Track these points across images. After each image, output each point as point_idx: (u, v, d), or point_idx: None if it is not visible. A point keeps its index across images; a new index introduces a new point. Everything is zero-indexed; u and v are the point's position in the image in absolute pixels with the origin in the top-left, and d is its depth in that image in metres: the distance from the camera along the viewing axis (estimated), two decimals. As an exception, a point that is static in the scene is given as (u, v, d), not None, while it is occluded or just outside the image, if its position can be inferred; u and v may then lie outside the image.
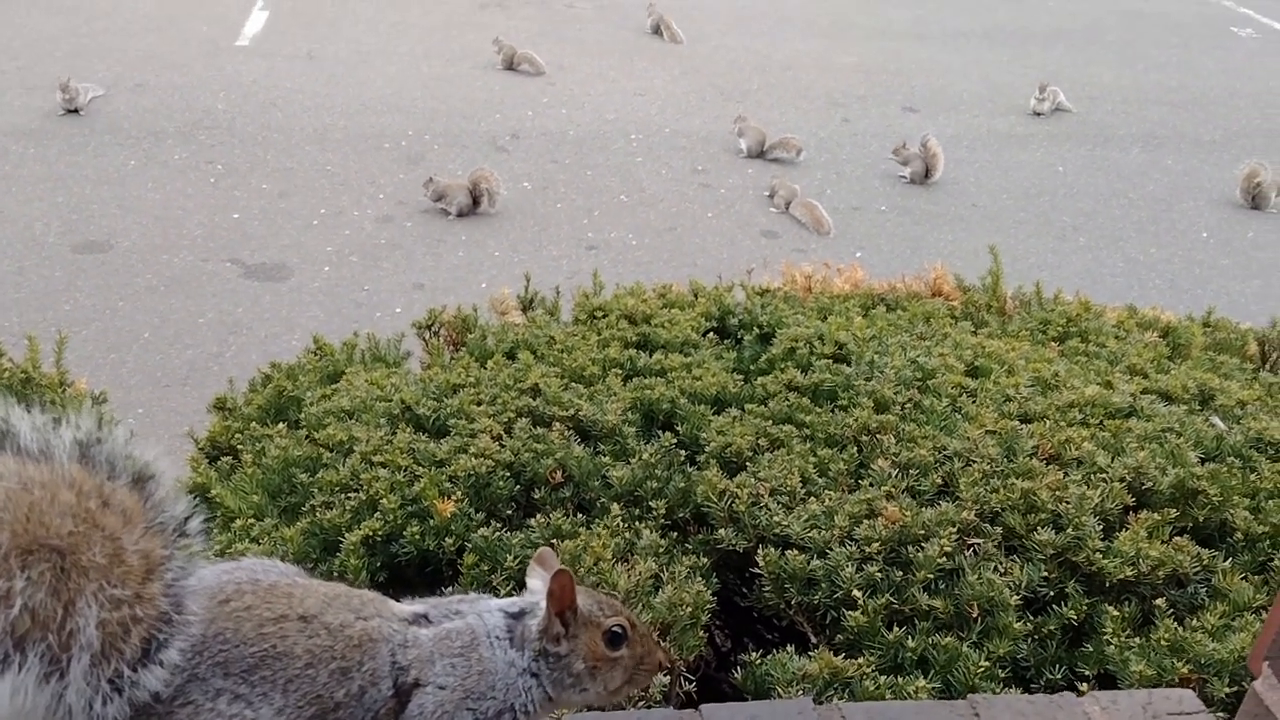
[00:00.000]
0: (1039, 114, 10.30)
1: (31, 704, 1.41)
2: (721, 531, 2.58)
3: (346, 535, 2.48)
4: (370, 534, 2.49)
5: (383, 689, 1.55)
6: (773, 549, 2.46)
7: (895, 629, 2.31)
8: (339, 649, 1.54)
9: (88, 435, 1.48)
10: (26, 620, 1.40)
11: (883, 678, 2.21)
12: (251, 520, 2.63)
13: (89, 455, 1.48)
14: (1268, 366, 3.91)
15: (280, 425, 3.03)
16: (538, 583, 1.70)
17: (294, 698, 1.50)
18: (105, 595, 1.43)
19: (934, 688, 2.19)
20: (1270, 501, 2.67)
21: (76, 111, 9.01)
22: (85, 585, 1.42)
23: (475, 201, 7.92)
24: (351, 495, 2.60)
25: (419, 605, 1.69)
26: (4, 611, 1.38)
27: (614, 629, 1.68)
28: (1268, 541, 2.58)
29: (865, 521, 2.50)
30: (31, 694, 1.40)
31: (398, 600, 1.72)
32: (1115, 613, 2.35)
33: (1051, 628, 2.36)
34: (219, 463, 3.01)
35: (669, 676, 2.24)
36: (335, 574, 2.42)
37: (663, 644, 1.85)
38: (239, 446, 3.02)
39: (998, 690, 2.19)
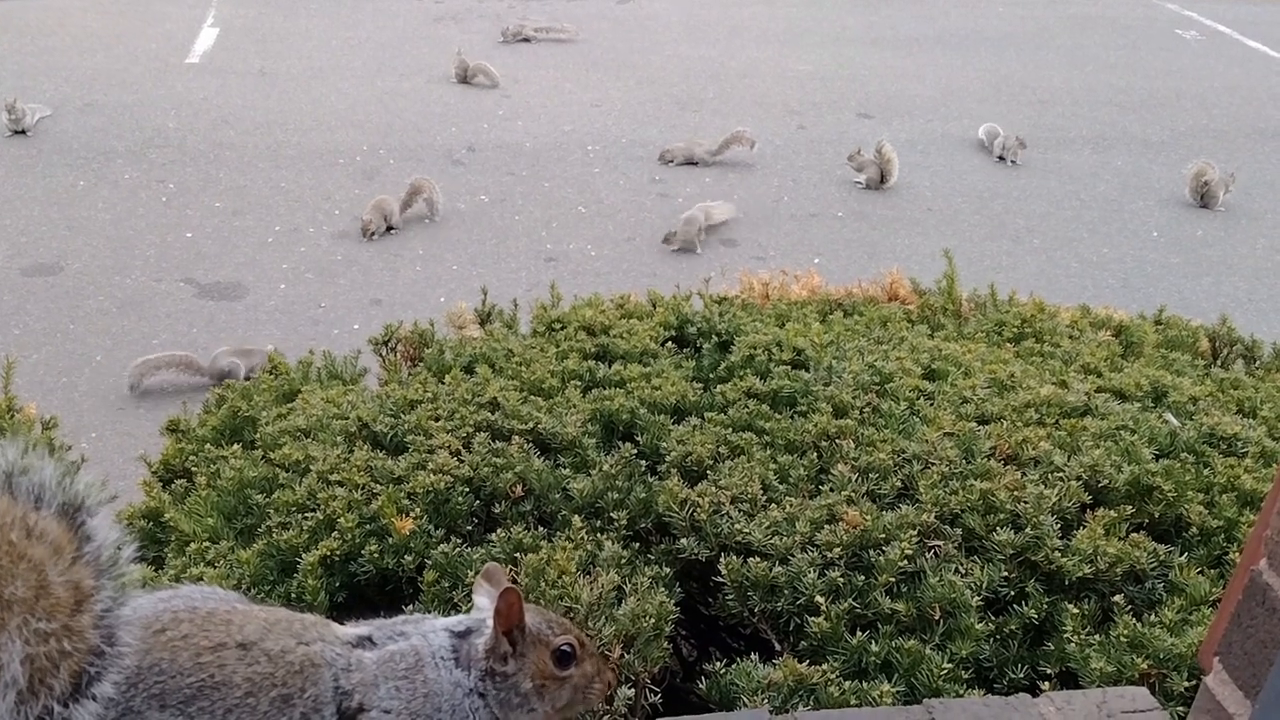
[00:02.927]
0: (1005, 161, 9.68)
1: None
2: (684, 541, 2.57)
3: (304, 556, 2.45)
4: (328, 554, 2.45)
5: (326, 715, 1.52)
6: (735, 557, 2.46)
7: (858, 634, 2.31)
8: (280, 676, 1.51)
9: (12, 465, 1.44)
10: None
11: (847, 683, 2.21)
12: (207, 543, 2.59)
13: (14, 485, 1.44)
14: (1218, 363, 3.97)
15: (235, 446, 2.99)
16: (484, 600, 1.67)
17: None
18: (31, 629, 1.39)
19: (898, 691, 2.19)
20: (1223, 496, 2.70)
21: (24, 132, 8.88)
22: (9, 619, 1.38)
23: (405, 205, 7.92)
24: (309, 515, 2.57)
25: (363, 628, 1.66)
26: None
27: (563, 648, 1.66)
28: (1222, 535, 2.61)
29: (826, 527, 2.51)
30: None
31: (343, 623, 1.69)
32: (1075, 610, 2.37)
33: (1013, 627, 2.37)
34: (173, 486, 2.96)
35: (634, 689, 2.22)
36: (293, 595, 2.39)
37: (612, 662, 1.82)
38: (193, 469, 2.98)
39: (961, 692, 2.19)
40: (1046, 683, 2.27)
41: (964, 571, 2.43)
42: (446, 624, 1.68)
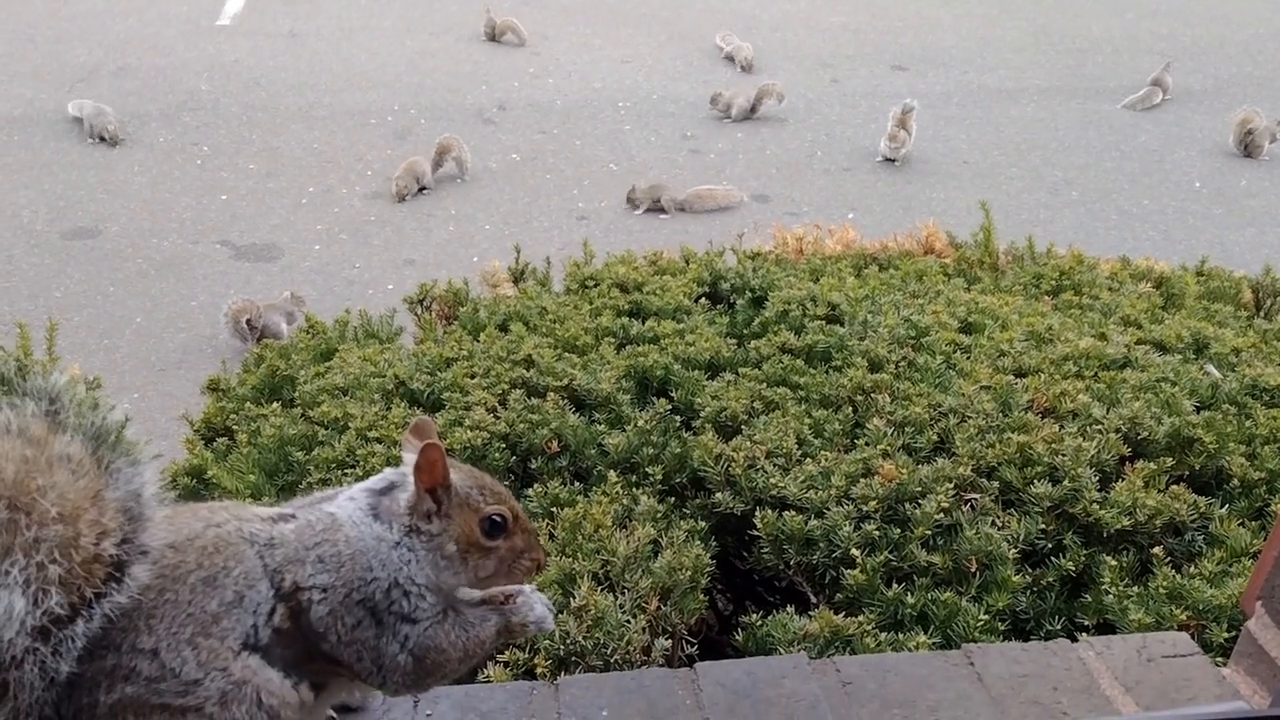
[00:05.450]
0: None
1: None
2: (719, 495, 2.58)
3: (344, 511, 2.48)
4: (368, 509, 2.48)
5: (262, 591, 1.46)
6: (770, 511, 2.47)
7: (894, 586, 2.31)
8: (192, 560, 1.45)
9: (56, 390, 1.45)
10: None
11: (883, 634, 2.22)
12: (249, 499, 2.63)
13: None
14: (1262, 314, 3.91)
15: (275, 404, 3.03)
16: (411, 456, 1.55)
17: (163, 629, 1.42)
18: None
19: (934, 643, 2.20)
20: (1266, 447, 2.67)
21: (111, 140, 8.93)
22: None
23: (436, 166, 7.96)
24: (348, 471, 2.60)
25: (285, 506, 1.59)
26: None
27: (493, 517, 1.56)
28: (1264, 487, 2.58)
29: (862, 480, 2.50)
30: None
31: None
32: (1113, 563, 2.36)
33: (1050, 580, 2.37)
34: (215, 444, 3.01)
35: (670, 640, 2.25)
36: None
37: (543, 545, 1.71)
38: (234, 427, 3.02)
39: (996, 642, 2.19)
40: (1084, 634, 2.27)
41: (1001, 524, 2.43)
42: (366, 484, 1.59)
